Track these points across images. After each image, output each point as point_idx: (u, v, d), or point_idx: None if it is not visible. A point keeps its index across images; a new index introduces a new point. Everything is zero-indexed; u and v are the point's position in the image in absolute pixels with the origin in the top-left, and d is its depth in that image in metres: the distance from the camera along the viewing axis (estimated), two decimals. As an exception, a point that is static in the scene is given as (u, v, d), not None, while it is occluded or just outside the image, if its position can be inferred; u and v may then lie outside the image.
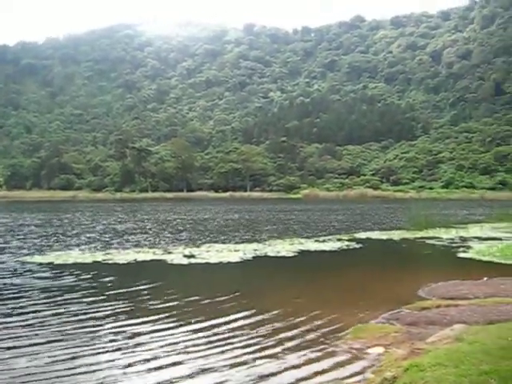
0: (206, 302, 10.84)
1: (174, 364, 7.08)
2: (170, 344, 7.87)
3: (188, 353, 7.50)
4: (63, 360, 7.17)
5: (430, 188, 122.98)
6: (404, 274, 15.36)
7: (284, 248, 20.41)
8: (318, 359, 7.42)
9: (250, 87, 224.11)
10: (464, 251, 19.55)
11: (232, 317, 9.53)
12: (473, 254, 18.59)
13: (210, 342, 8.03)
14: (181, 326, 8.89)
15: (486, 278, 13.59)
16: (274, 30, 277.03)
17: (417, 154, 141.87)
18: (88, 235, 26.20)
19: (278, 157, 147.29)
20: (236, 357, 7.46)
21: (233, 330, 8.80)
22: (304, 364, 7.23)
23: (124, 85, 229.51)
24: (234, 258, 17.76)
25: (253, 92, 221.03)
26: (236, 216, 43.99)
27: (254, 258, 18.00)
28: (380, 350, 7.62)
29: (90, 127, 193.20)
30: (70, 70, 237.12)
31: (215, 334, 8.47)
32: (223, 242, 22.57)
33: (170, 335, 8.32)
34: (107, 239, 24.28)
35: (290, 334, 8.63)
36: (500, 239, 23.89)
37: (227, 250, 19.66)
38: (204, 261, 17.11)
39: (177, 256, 18.15)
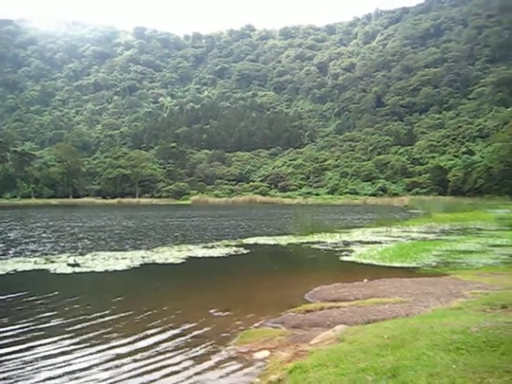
0: (94, 317, 10.35)
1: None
2: (67, 372, 7.28)
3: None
4: None
5: (317, 194, 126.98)
6: (290, 279, 15.71)
7: (172, 255, 20.21)
8: (205, 365, 7.44)
9: (139, 92, 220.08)
10: (347, 255, 20.33)
11: (120, 330, 9.30)
12: (355, 258, 19.40)
13: (99, 362, 7.78)
14: (73, 350, 8.24)
15: (366, 280, 14.23)
16: (165, 35, 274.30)
17: (304, 161, 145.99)
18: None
19: (167, 163, 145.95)
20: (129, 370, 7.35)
21: (120, 342, 8.61)
22: (191, 371, 7.23)
23: (4, 84, 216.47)
24: (121, 265, 17.34)
25: (143, 96, 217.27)
26: (126, 223, 42.97)
27: (141, 265, 17.68)
28: (266, 353, 7.75)
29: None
30: None
31: (108, 354, 8.21)
32: (111, 250, 21.98)
33: (63, 361, 7.69)
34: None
35: (176, 341, 8.58)
36: (380, 243, 25.13)
37: (114, 258, 19.16)
38: (89, 269, 16.57)
39: (60, 265, 17.42)
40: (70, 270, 16.53)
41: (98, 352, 8.04)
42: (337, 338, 7.69)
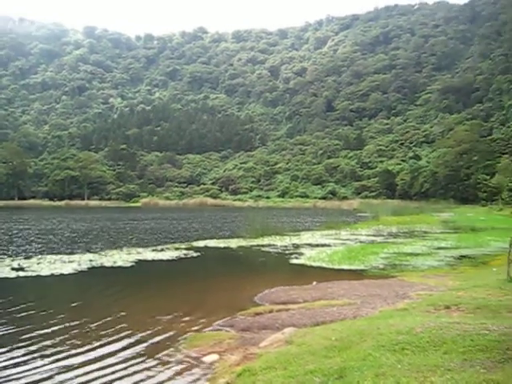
0: (38, 326, 9.94)
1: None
2: None
3: None
4: None
5: (267, 197, 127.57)
6: (240, 282, 15.72)
7: (121, 258, 19.93)
8: (153, 370, 7.38)
9: (89, 92, 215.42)
10: (296, 257, 20.50)
11: (67, 339, 9.03)
12: (304, 260, 19.58)
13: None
14: (16, 363, 7.83)
15: (315, 283, 14.38)
16: (116, 35, 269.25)
17: (255, 165, 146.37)
18: None
19: (117, 164, 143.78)
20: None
21: (68, 352, 8.41)
22: (139, 376, 7.15)
23: None
24: (68, 269, 16.96)
25: (92, 97, 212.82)
26: (75, 226, 42.06)
27: (89, 269, 17.34)
28: (215, 357, 7.73)
29: None
30: None
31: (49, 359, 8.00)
32: (58, 253, 21.46)
33: (8, 375, 7.31)
34: None
35: (124, 347, 8.45)
36: (329, 245, 25.45)
37: (61, 261, 18.73)
38: (35, 273, 16.13)
39: (4, 269, 16.91)
40: (13, 274, 16.06)
41: (46, 364, 7.81)
42: (286, 340, 7.74)
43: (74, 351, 8.29)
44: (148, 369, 7.44)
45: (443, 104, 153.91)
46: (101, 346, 8.54)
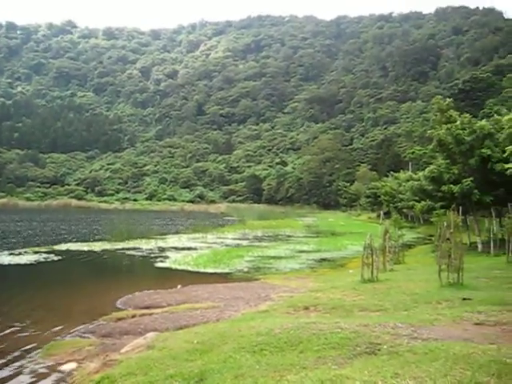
0: None
1: None
2: None
3: None
4: None
5: (135, 199, 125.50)
6: (103, 286, 15.37)
7: (-28, 262, 18.63)
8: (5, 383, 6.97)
9: None
10: (162, 261, 20.41)
11: None
12: (169, 264, 19.54)
13: None
14: None
15: (179, 286, 14.39)
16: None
17: (122, 166, 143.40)
18: None
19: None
20: None
21: None
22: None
23: None
24: None
25: None
26: None
27: None
28: (73, 365, 7.49)
29: None
30: None
31: None
32: None
33: None
34: None
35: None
36: (195, 249, 25.60)
37: None
38: None
39: None
40: None
41: None
42: (147, 345, 7.67)
43: None
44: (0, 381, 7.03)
45: (309, 113, 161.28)
46: None
